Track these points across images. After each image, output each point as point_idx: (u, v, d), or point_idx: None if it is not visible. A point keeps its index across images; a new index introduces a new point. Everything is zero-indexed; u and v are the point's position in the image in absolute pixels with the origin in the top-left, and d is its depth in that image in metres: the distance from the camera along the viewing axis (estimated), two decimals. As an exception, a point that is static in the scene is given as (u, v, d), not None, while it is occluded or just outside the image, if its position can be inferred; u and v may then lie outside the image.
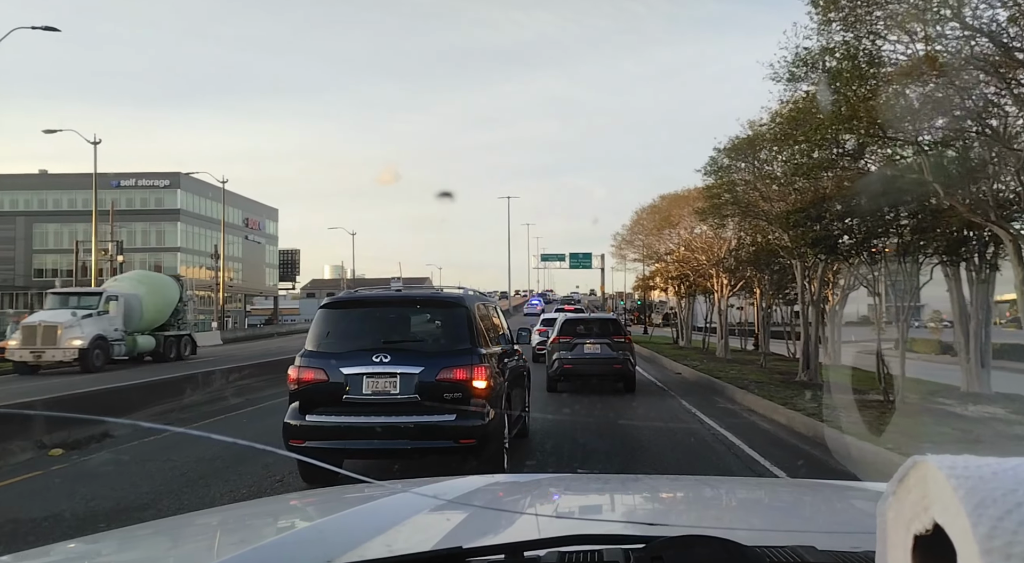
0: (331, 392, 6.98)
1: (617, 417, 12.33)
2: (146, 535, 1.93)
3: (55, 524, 6.21)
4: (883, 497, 0.62)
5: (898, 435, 8.78)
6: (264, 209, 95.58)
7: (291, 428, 6.98)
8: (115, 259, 54.21)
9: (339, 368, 6.99)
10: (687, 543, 1.12)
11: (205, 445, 8.82)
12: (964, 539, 0.50)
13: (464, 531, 1.58)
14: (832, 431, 9.43)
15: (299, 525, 1.94)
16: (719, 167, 17.67)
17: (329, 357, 7.12)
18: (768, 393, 13.84)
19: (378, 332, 7.39)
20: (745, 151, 16.12)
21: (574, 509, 2.07)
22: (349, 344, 7.23)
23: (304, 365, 7.14)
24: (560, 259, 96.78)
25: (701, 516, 2.05)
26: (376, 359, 6.96)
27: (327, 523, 1.72)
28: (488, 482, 2.33)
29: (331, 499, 2.28)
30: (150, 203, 77.43)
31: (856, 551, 1.19)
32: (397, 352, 7.06)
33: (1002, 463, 0.55)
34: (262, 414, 12.50)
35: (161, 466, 8.40)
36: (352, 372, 6.95)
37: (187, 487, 7.46)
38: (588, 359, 15.76)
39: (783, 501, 2.34)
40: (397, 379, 6.93)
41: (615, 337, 16.25)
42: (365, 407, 6.93)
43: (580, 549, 1.19)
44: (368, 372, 6.94)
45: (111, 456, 9.13)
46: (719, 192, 17.36)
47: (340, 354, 7.11)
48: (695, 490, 2.49)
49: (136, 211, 75.74)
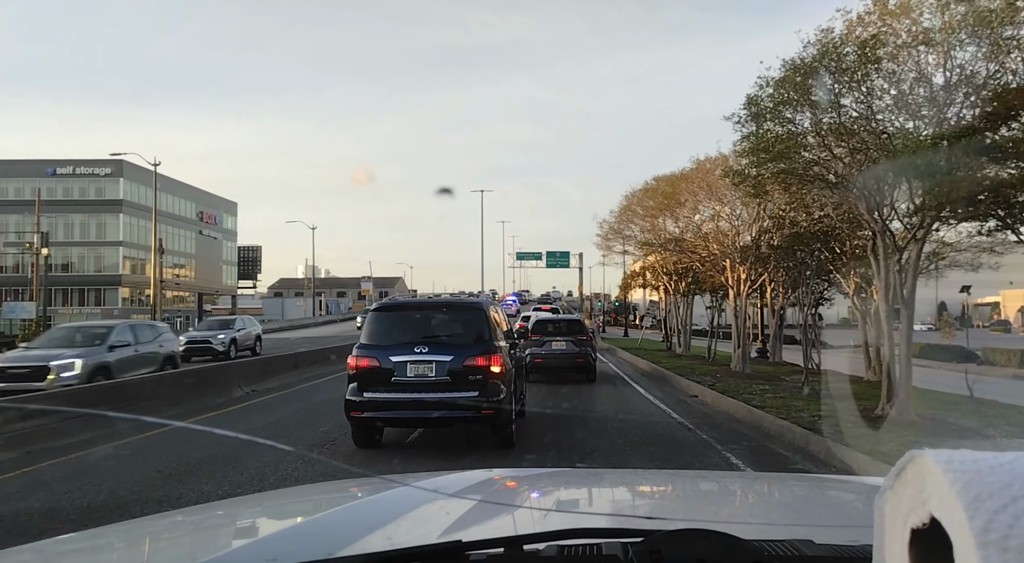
0: (383, 375, 8.87)
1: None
2: (148, 528, 1.95)
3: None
4: (880, 491, 0.62)
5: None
6: (221, 202, 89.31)
7: (352, 403, 8.91)
8: (39, 252, 48.47)
9: (388, 357, 8.90)
10: (685, 537, 1.13)
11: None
12: (961, 533, 0.50)
13: (464, 525, 1.60)
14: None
15: (301, 518, 1.91)
16: (760, 111, 12.26)
17: (380, 349, 9.01)
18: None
19: (417, 329, 9.28)
20: (817, 77, 10.84)
21: (573, 503, 2.11)
22: (395, 339, 9.11)
23: (361, 355, 9.05)
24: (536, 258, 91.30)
25: (699, 510, 2.03)
26: (417, 350, 8.90)
27: (328, 516, 1.76)
28: (488, 476, 2.34)
29: (333, 493, 2.33)
30: (90, 193, 70.93)
31: (853, 544, 1.18)
32: (432, 344, 9.02)
33: (999, 457, 0.54)
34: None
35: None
36: (398, 360, 8.88)
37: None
38: (555, 354, 18.35)
39: (781, 495, 2.34)
40: (433, 365, 8.87)
41: (578, 336, 18.86)
42: (408, 386, 8.85)
43: (579, 543, 1.21)
44: (411, 360, 8.88)
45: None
46: (774, 145, 11.85)
47: (388, 346, 9.01)
48: (693, 485, 2.51)
49: (74, 202, 69.38)
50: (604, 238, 31.80)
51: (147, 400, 12.82)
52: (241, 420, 12.46)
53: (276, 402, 14.75)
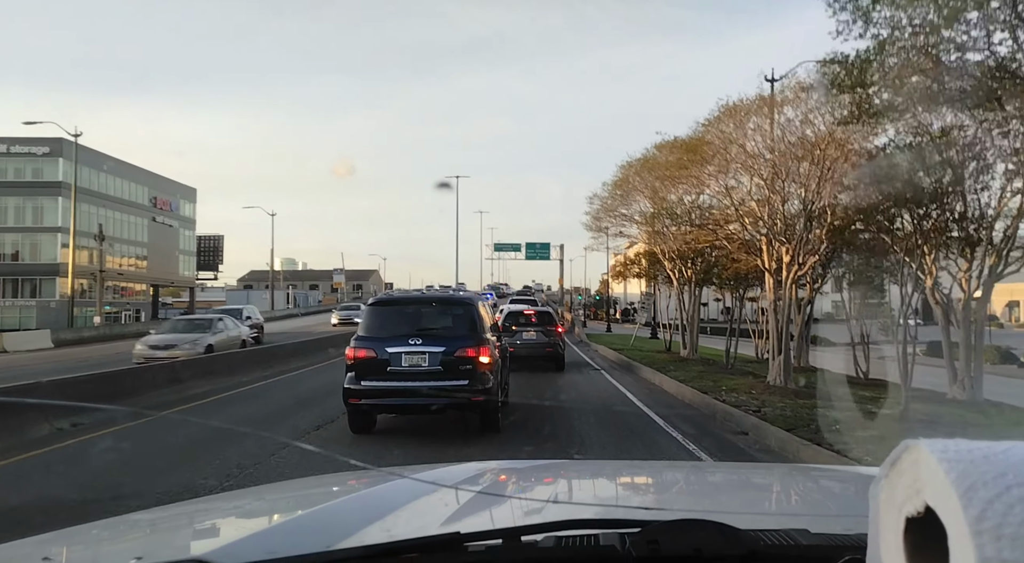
0: (379, 365, 9.28)
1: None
2: (146, 522, 1.95)
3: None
4: (875, 480, 0.63)
5: None
6: (179, 188, 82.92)
7: (350, 390, 9.29)
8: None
9: (384, 348, 9.33)
10: (682, 527, 1.14)
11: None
12: (955, 521, 0.51)
13: (462, 516, 1.61)
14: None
15: (299, 511, 1.86)
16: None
17: (376, 340, 9.46)
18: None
19: (411, 322, 9.71)
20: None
21: (570, 494, 2.09)
22: (391, 331, 9.53)
23: (359, 346, 9.46)
24: (515, 249, 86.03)
25: (696, 501, 2.02)
26: (411, 342, 9.33)
27: (326, 509, 1.75)
28: (485, 468, 2.36)
29: (331, 485, 2.37)
30: (26, 174, 64.39)
31: (849, 534, 1.18)
32: (426, 336, 9.42)
33: (993, 446, 0.55)
34: None
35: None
36: (394, 351, 9.30)
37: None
38: (527, 344, 19.35)
39: (777, 486, 2.33)
40: (426, 355, 9.29)
41: (548, 327, 20.19)
42: (403, 375, 9.25)
43: (577, 533, 1.21)
44: (405, 351, 9.29)
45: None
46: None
47: (384, 338, 9.44)
48: (690, 475, 2.53)
49: (8, 184, 62.92)
50: (594, 217, 26.39)
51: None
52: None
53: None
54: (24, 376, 14.95)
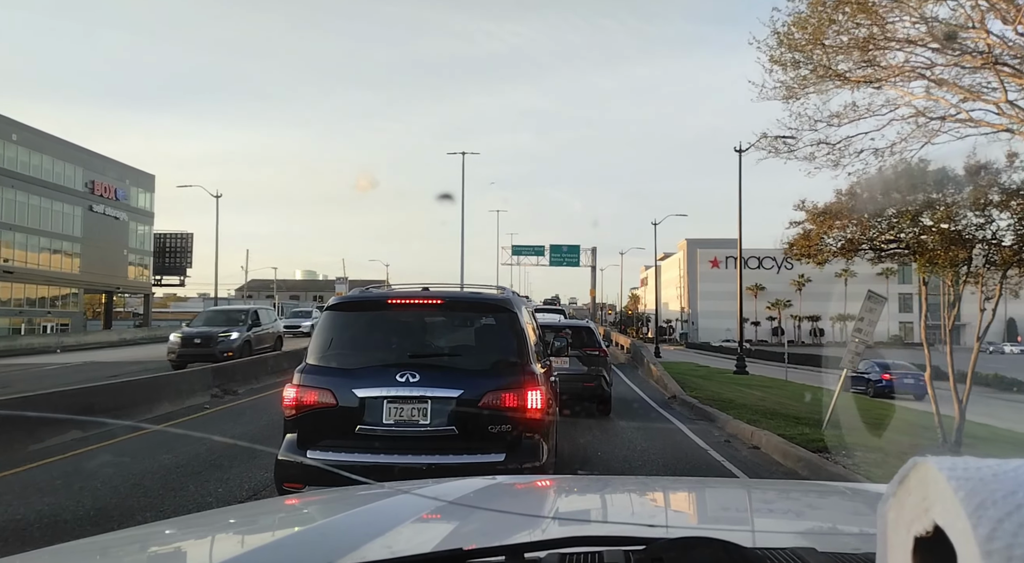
0: (341, 420, 5.26)
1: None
2: (145, 537, 1.91)
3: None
4: (883, 498, 0.62)
5: None
6: (128, 172, 68.02)
7: (286, 466, 5.17)
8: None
9: (351, 389, 5.25)
10: (687, 545, 1.11)
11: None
12: (965, 541, 0.49)
13: (465, 532, 1.58)
14: None
15: (300, 526, 1.86)
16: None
17: (338, 374, 5.39)
18: None
19: (403, 342, 5.71)
20: None
21: (575, 510, 2.05)
22: (365, 357, 5.59)
23: (305, 384, 5.34)
24: (538, 253, 69.10)
25: (702, 518, 2.02)
26: (400, 378, 5.25)
27: (328, 524, 1.72)
28: (489, 483, 2.28)
29: (332, 500, 2.23)
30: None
31: (856, 553, 1.18)
32: (427, 369, 5.32)
33: (1003, 465, 0.54)
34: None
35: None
36: (369, 395, 5.22)
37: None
38: (560, 375, 10.17)
39: (784, 503, 2.27)
40: (428, 405, 5.22)
41: (589, 350, 12.82)
42: (386, 441, 5.19)
43: (581, 551, 1.19)
44: (390, 395, 5.22)
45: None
46: None
47: (353, 370, 5.43)
48: (695, 492, 2.47)
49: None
50: (792, 47, 10.16)
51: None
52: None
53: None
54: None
